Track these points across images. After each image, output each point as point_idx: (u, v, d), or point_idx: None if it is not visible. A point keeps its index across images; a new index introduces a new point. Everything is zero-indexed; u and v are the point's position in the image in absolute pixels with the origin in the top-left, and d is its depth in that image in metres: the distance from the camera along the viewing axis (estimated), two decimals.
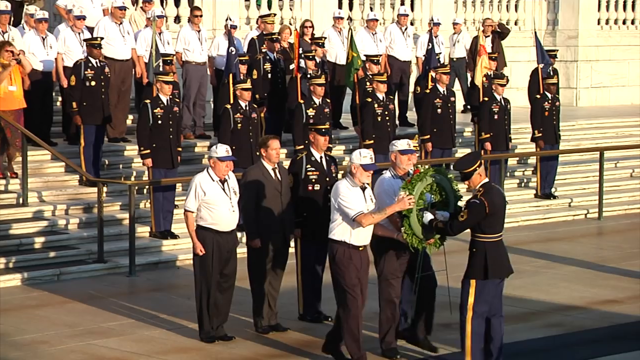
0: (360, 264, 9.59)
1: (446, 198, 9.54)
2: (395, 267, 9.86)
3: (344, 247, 9.54)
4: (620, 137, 20.43)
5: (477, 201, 9.15)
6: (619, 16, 24.82)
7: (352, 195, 9.45)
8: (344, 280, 9.56)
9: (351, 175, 9.53)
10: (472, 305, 9.22)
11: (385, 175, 9.91)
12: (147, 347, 10.33)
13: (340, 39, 18.31)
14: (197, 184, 10.36)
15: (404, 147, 9.81)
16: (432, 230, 9.39)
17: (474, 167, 9.23)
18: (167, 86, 14.17)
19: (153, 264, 13.63)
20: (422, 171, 9.49)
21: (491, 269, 9.20)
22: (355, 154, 9.55)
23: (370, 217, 9.42)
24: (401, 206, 9.32)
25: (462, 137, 18.54)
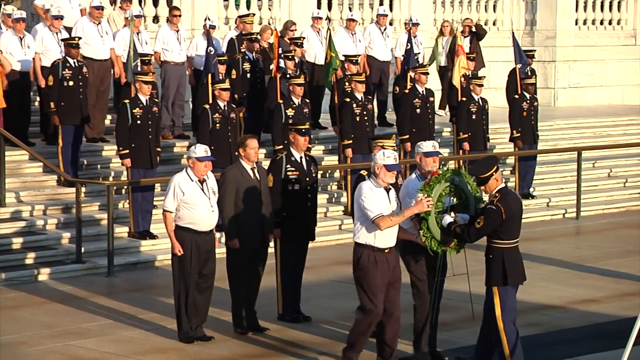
0: (388, 267, 9.32)
1: (466, 200, 9.34)
2: (423, 269, 9.68)
3: (368, 251, 9.28)
4: (598, 137, 20.52)
5: (493, 207, 9.00)
6: (596, 16, 24.93)
7: (374, 197, 9.22)
8: (367, 285, 9.29)
9: (375, 175, 9.32)
10: (500, 315, 9.08)
11: (411, 177, 9.76)
12: (126, 347, 10.31)
13: (318, 39, 18.32)
14: (175, 184, 10.35)
15: (429, 149, 9.67)
16: (451, 234, 9.21)
17: (491, 172, 9.07)
18: (146, 86, 14.14)
19: (132, 264, 13.60)
20: (441, 173, 9.33)
21: (510, 275, 9.08)
22: (379, 154, 9.36)
23: (389, 219, 9.18)
24: (419, 208, 9.17)
25: (441, 137, 18.58)
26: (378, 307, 9.32)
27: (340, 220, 15.68)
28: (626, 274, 13.19)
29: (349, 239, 14.76)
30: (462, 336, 10.44)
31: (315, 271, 12.95)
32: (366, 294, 9.34)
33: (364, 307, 9.40)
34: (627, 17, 25.28)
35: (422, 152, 9.71)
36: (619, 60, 24.92)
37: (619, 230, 16.35)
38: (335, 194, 16.47)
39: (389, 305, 9.41)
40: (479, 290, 9.58)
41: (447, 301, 11.31)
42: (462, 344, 10.26)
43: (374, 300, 9.30)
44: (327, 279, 13.05)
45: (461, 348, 10.14)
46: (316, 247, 13.68)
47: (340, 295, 12.27)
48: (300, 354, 10.15)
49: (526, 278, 9.36)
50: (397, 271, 9.45)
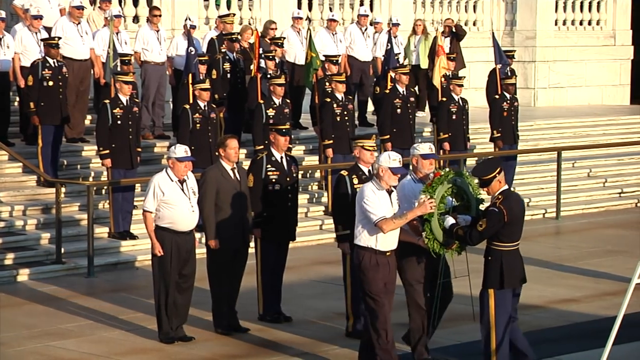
0: (388, 270, 9.24)
1: (467, 202, 9.27)
2: (419, 272, 9.55)
3: (370, 254, 9.17)
4: (578, 137, 20.60)
5: (495, 209, 8.89)
6: (576, 17, 25.02)
7: (377, 199, 9.10)
8: (370, 288, 9.17)
9: (377, 178, 9.19)
10: (493, 318, 9.00)
11: (405, 180, 9.57)
12: (106, 348, 10.28)
13: (299, 39, 18.32)
14: (155, 184, 10.33)
15: (425, 151, 9.54)
16: (453, 236, 9.10)
17: (494, 174, 8.97)
18: (126, 86, 14.11)
19: (112, 264, 13.57)
20: (443, 174, 9.23)
21: (507, 279, 8.98)
22: (384, 156, 9.21)
23: (392, 222, 9.07)
24: (422, 210, 9.05)
25: (422, 137, 18.60)
26: (386, 303, 9.19)
27: (321, 221, 15.68)
28: (606, 273, 13.24)
29: (329, 239, 14.79)
30: (444, 336, 10.45)
31: (296, 271, 12.95)
32: (371, 295, 9.21)
33: (372, 311, 9.22)
34: (606, 18, 25.39)
35: (419, 154, 9.56)
36: (598, 60, 25.03)
37: (599, 230, 16.41)
38: (316, 194, 16.47)
39: None
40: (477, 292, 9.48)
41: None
42: (443, 343, 10.28)
43: (380, 300, 9.17)
44: (308, 279, 13.05)
45: (442, 348, 10.15)
46: (297, 247, 13.68)
47: (321, 295, 12.28)
48: (281, 354, 10.14)
49: (526, 280, 9.22)
50: (394, 275, 9.37)
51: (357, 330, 10.55)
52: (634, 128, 21.74)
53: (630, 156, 20.18)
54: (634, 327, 9.53)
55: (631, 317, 9.19)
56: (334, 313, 11.35)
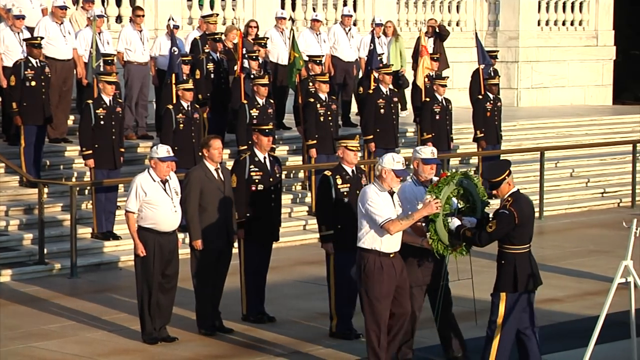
0: (394, 272, 9.12)
1: (473, 204, 9.18)
2: (418, 276, 9.44)
3: (374, 256, 9.08)
4: (561, 137, 20.66)
5: (506, 211, 8.78)
6: (558, 17, 25.10)
7: (380, 201, 9.02)
8: (374, 291, 9.08)
9: (380, 179, 9.10)
10: (501, 321, 8.88)
11: (406, 183, 9.47)
12: (89, 349, 10.26)
13: (282, 39, 18.31)
14: (137, 184, 10.31)
15: (427, 156, 9.43)
16: (459, 237, 8.99)
17: (503, 176, 8.85)
18: (109, 86, 14.09)
19: (95, 265, 13.53)
20: (449, 175, 9.13)
21: (520, 281, 8.88)
22: (387, 158, 9.12)
23: (398, 223, 8.97)
24: (428, 210, 8.94)
25: (405, 137, 18.64)
26: (383, 316, 9.12)
27: (305, 221, 15.68)
28: (588, 273, 13.27)
29: (313, 240, 14.79)
30: (427, 336, 10.47)
31: (279, 271, 12.95)
32: (373, 299, 9.12)
33: (371, 314, 9.16)
34: (588, 18, 25.48)
35: (420, 158, 9.44)
36: (581, 60, 25.12)
37: (581, 229, 16.46)
38: (300, 194, 16.47)
39: (403, 306, 9.23)
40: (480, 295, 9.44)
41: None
42: (426, 343, 10.29)
43: (381, 304, 9.08)
44: (292, 279, 13.05)
45: (425, 348, 10.16)
46: (280, 247, 13.68)
47: (304, 295, 12.28)
48: (264, 354, 10.14)
49: (542, 282, 9.11)
50: (404, 274, 9.27)
51: (340, 330, 10.56)
52: (617, 128, 21.83)
53: (613, 156, 20.25)
54: (617, 326, 9.56)
55: (614, 316, 9.21)
56: (318, 313, 11.35)
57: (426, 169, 9.45)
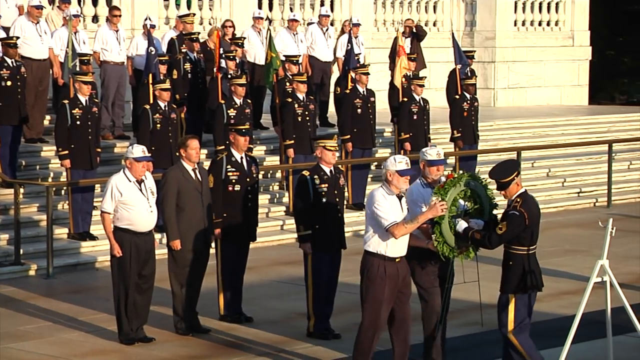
0: (398, 276, 8.99)
1: (480, 206, 9.05)
2: (430, 277, 9.31)
3: (379, 260, 8.93)
4: (537, 137, 20.74)
5: (516, 213, 8.71)
6: (535, 18, 25.21)
7: (387, 204, 8.88)
8: (374, 294, 8.96)
9: (387, 183, 8.95)
10: (512, 321, 8.82)
11: (414, 185, 9.31)
12: (65, 349, 10.22)
13: (259, 39, 18.30)
14: (113, 185, 10.28)
15: (432, 157, 9.30)
16: (467, 240, 8.88)
17: (512, 177, 8.79)
18: (85, 86, 14.04)
19: (71, 265, 13.48)
20: (456, 176, 8.99)
21: (530, 282, 8.82)
22: (390, 160, 8.98)
23: (403, 227, 8.84)
24: (433, 212, 8.83)
25: (382, 137, 18.66)
26: (382, 319, 9.01)
27: (282, 221, 15.68)
28: (565, 272, 13.32)
29: (291, 240, 14.80)
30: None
31: (257, 272, 12.94)
32: (370, 306, 9.01)
33: (366, 319, 9.06)
34: (564, 19, 25.59)
35: (427, 159, 9.30)
36: (557, 61, 25.23)
37: (558, 229, 16.52)
38: (277, 195, 16.47)
39: (401, 312, 9.12)
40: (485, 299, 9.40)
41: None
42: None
43: (378, 309, 8.97)
44: (269, 279, 13.05)
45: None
46: (258, 247, 13.67)
47: (282, 295, 12.28)
48: (242, 354, 10.13)
49: (543, 284, 9.08)
50: (408, 279, 9.17)
51: (318, 330, 10.56)
52: (592, 128, 21.93)
53: (589, 156, 20.35)
54: (593, 325, 9.60)
55: (590, 315, 9.26)
56: (295, 313, 11.35)
57: (432, 170, 9.30)
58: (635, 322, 8.56)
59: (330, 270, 10.62)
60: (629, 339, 9.17)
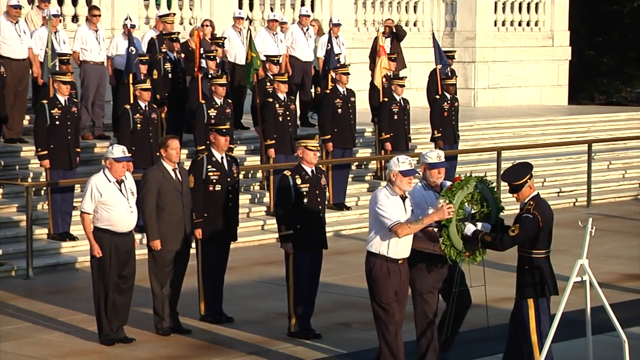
0: (400, 278, 8.97)
1: (488, 209, 8.96)
2: (430, 282, 9.23)
3: (381, 261, 8.89)
4: (517, 137, 20.80)
5: (530, 215, 8.64)
6: (515, 18, 25.28)
7: (390, 205, 8.81)
8: (380, 296, 8.95)
9: (391, 183, 8.89)
10: (535, 327, 8.73)
11: (416, 187, 9.24)
12: (45, 350, 10.19)
13: (240, 39, 18.28)
14: (92, 185, 10.25)
15: (433, 160, 9.18)
16: (477, 242, 8.78)
17: (525, 180, 8.72)
18: (64, 86, 13.99)
19: (51, 266, 13.44)
20: (464, 179, 8.89)
21: (548, 286, 8.77)
22: (393, 161, 8.90)
23: (407, 227, 8.77)
24: (440, 215, 8.73)
25: (363, 137, 18.67)
26: (396, 312, 8.97)
27: (263, 221, 15.67)
28: None
29: (272, 240, 14.79)
30: None
31: (238, 272, 12.93)
32: (380, 304, 8.97)
33: (380, 321, 9.00)
34: (544, 19, 25.68)
35: (427, 162, 9.18)
36: (536, 61, 25.32)
37: None
38: (258, 195, 16.46)
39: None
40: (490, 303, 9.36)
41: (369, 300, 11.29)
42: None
43: (389, 309, 8.93)
44: (250, 279, 13.04)
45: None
46: (239, 247, 13.67)
47: (263, 295, 12.27)
48: (223, 354, 10.12)
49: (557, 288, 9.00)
50: (406, 282, 9.12)
51: (299, 330, 10.57)
52: (572, 128, 22.02)
53: (568, 156, 20.42)
54: (573, 325, 9.64)
55: (569, 315, 9.29)
56: (276, 313, 11.35)
57: (433, 173, 9.20)
58: (615, 322, 8.59)
59: (312, 270, 10.62)
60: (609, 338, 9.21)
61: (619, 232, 16.09)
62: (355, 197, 17.01)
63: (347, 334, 10.67)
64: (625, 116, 23.50)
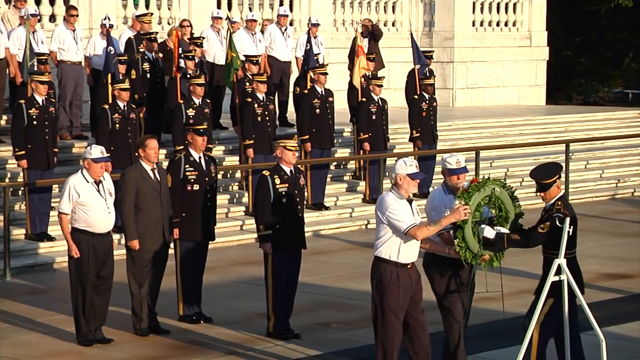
0: (411, 282, 8.80)
1: (505, 213, 8.85)
2: (449, 285, 9.10)
3: (391, 267, 8.73)
4: (495, 137, 20.86)
5: (560, 215, 8.57)
6: (493, 18, 25.35)
7: (400, 207, 8.68)
8: (389, 303, 8.76)
9: (397, 187, 8.74)
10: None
11: (436, 191, 9.17)
12: (23, 351, 10.15)
13: (218, 39, 18.26)
14: (70, 185, 10.21)
15: (452, 166, 9.05)
16: (502, 243, 8.70)
17: (554, 179, 8.64)
18: (42, 86, 13.94)
19: (29, 266, 13.38)
20: (481, 181, 8.78)
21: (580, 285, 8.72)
22: (400, 163, 8.77)
23: (425, 229, 8.66)
24: (456, 217, 8.63)
25: (342, 137, 18.69)
26: (400, 322, 8.82)
27: (242, 221, 15.66)
28: (522, 271, 13.40)
29: (250, 240, 14.78)
30: (363, 335, 10.51)
31: (216, 272, 12.92)
32: (388, 310, 8.80)
33: (383, 326, 8.82)
34: (522, 19, 25.77)
35: (447, 168, 9.08)
36: (515, 61, 25.40)
37: None
38: (237, 195, 16.44)
39: (416, 319, 8.94)
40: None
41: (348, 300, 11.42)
42: (361, 343, 10.33)
43: (395, 317, 8.79)
44: (229, 279, 13.03)
45: (361, 347, 10.20)
46: (218, 247, 13.66)
47: (242, 295, 12.27)
48: (201, 355, 10.10)
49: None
50: (419, 285, 8.94)
51: (278, 330, 10.56)
52: (550, 128, 22.10)
53: (546, 156, 20.46)
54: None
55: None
56: (255, 313, 11.34)
57: (453, 179, 9.06)
58: (592, 321, 8.63)
59: (290, 270, 10.62)
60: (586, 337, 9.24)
61: (596, 232, 16.16)
62: (334, 197, 17.02)
63: (326, 334, 10.68)
64: (602, 116, 23.62)
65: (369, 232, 16.23)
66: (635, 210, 18.24)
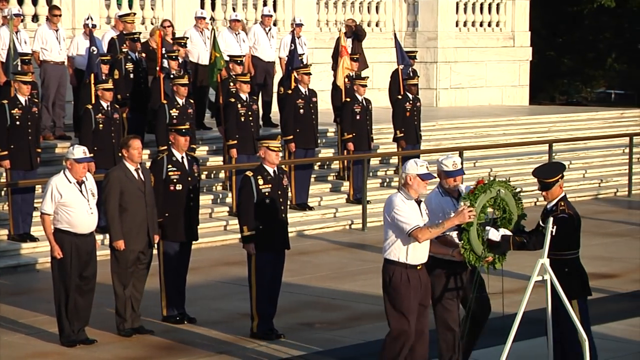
0: (420, 284, 8.69)
1: (509, 215, 8.79)
2: (449, 289, 8.99)
3: (400, 269, 8.60)
4: (479, 137, 20.90)
5: (565, 215, 8.56)
6: (476, 18, 25.40)
7: (407, 209, 8.57)
8: (401, 305, 8.63)
9: (406, 187, 8.65)
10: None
11: (432, 193, 9.04)
12: (6, 352, 10.11)
13: (202, 39, 18.24)
14: (53, 186, 10.19)
15: (449, 168, 8.96)
16: (507, 245, 8.64)
17: (557, 178, 8.58)
18: (25, 86, 13.90)
19: (12, 267, 13.34)
20: (487, 183, 8.66)
21: (588, 285, 8.70)
22: (411, 164, 8.69)
23: (427, 231, 8.53)
24: (460, 219, 8.53)
25: (326, 137, 18.69)
26: (411, 328, 8.67)
27: (226, 221, 15.64)
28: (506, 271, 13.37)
29: (234, 240, 14.77)
30: (346, 335, 10.51)
31: (200, 272, 12.91)
32: (397, 315, 8.66)
33: (394, 329, 8.68)
34: (505, 19, 25.83)
35: (443, 170, 8.99)
36: (498, 61, 25.45)
37: None
38: (220, 195, 16.43)
39: (419, 325, 8.78)
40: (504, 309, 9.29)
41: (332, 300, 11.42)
42: (345, 343, 10.34)
43: (406, 322, 8.64)
44: (213, 279, 13.02)
45: (345, 347, 10.21)
46: (201, 247, 13.64)
47: (225, 296, 12.26)
48: (185, 355, 10.09)
49: None
50: (428, 289, 8.85)
51: (261, 330, 10.56)
52: (533, 128, 22.16)
53: (529, 156, 20.55)
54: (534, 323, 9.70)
55: (531, 314, 9.34)
56: (239, 314, 11.34)
57: (449, 181, 8.98)
58: (575, 320, 8.66)
59: (274, 270, 10.62)
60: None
61: None
62: (317, 197, 17.02)
63: (310, 334, 10.68)
64: (585, 116, 23.69)
65: (353, 232, 16.25)
66: (618, 210, 18.32)
